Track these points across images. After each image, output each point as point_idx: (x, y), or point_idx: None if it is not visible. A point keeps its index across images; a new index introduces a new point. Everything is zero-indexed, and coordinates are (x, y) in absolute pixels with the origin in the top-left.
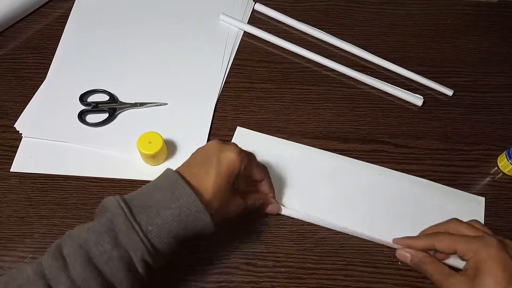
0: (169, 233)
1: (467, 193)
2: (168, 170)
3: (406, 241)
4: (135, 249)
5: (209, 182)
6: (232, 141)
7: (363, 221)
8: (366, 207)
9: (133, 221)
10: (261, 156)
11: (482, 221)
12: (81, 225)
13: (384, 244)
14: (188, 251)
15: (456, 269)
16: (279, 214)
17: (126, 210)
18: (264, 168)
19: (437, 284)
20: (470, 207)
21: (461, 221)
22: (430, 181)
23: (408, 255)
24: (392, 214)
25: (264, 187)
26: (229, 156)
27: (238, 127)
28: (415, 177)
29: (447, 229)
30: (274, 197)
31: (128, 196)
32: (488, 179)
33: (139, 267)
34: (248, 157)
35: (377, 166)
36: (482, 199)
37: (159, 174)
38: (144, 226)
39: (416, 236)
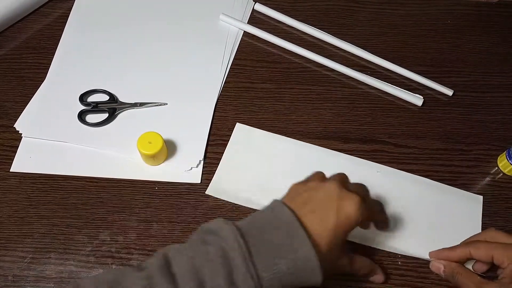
0: (280, 282)
1: (465, 191)
2: (285, 207)
3: (443, 252)
4: None
5: (324, 233)
6: (232, 137)
7: None
8: None
9: (250, 264)
10: (260, 153)
11: (480, 219)
12: (191, 242)
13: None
14: None
15: None
16: None
17: (244, 247)
18: (384, 211)
19: None
20: (468, 205)
21: (498, 230)
22: (428, 179)
23: (441, 266)
24: (390, 212)
25: (379, 226)
26: (350, 208)
27: (237, 123)
28: (413, 175)
29: (484, 238)
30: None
31: (241, 225)
32: (488, 179)
33: None
34: (368, 208)
35: (376, 164)
36: (480, 197)
37: (272, 203)
38: (260, 272)
39: (453, 247)
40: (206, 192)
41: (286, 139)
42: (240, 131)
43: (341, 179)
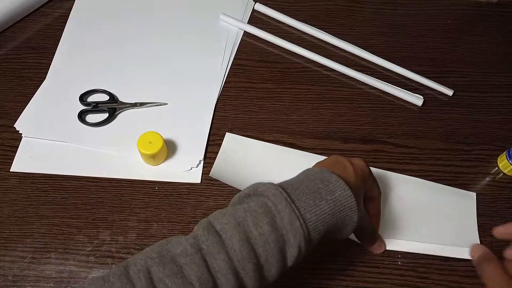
0: (324, 225)
1: (458, 189)
2: (310, 168)
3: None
4: (294, 234)
5: (350, 180)
6: (222, 147)
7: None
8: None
9: (294, 206)
10: (250, 162)
11: (475, 215)
12: (231, 207)
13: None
14: None
15: None
16: None
17: (285, 194)
18: (378, 185)
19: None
20: (462, 202)
21: None
22: (420, 179)
23: (479, 252)
24: (384, 212)
25: (376, 205)
26: (360, 162)
27: (227, 132)
28: (405, 175)
29: None
30: (378, 227)
31: (280, 183)
32: (488, 179)
33: (289, 254)
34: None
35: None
36: (473, 194)
37: (300, 173)
38: (303, 213)
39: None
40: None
41: (276, 146)
42: (230, 141)
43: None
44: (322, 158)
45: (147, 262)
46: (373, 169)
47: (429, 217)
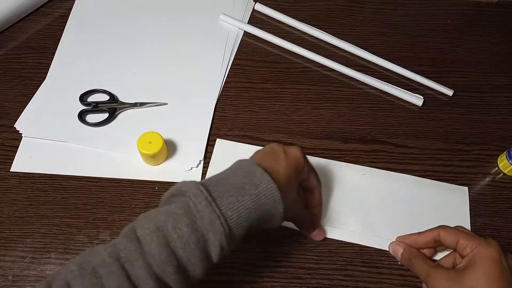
0: (247, 220)
1: (450, 184)
2: (243, 160)
3: (410, 237)
4: (214, 233)
5: (280, 171)
6: (213, 153)
7: (351, 222)
8: (352, 208)
9: (214, 205)
10: None
11: (468, 210)
12: (157, 208)
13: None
14: None
15: None
16: None
17: (206, 193)
18: (317, 176)
19: (422, 278)
20: (455, 197)
21: (465, 228)
22: (413, 176)
23: (400, 249)
24: (379, 211)
25: (316, 196)
26: (295, 152)
27: (218, 139)
28: (398, 173)
29: (437, 233)
30: (320, 217)
31: (203, 180)
32: (488, 179)
33: (213, 253)
34: (306, 158)
35: (360, 166)
36: (466, 188)
37: (231, 165)
38: (224, 211)
39: (421, 232)
40: None
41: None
42: (221, 147)
43: None
44: (317, 160)
45: (67, 275)
46: (362, 167)
47: (422, 213)
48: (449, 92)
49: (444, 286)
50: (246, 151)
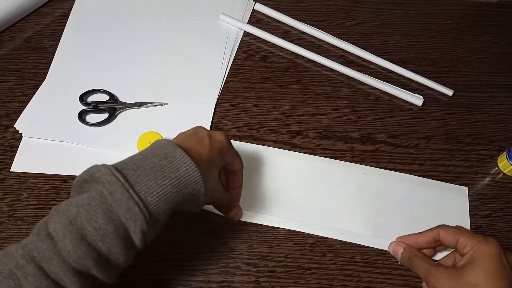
0: (167, 204)
1: (450, 184)
2: (161, 139)
3: (410, 237)
4: (134, 220)
5: (202, 154)
6: None
7: (351, 221)
8: (352, 207)
9: (132, 192)
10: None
11: (467, 209)
12: (68, 199)
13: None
14: (188, 251)
15: None
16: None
17: (122, 179)
18: (240, 159)
19: (423, 277)
20: (455, 197)
21: (446, 225)
22: (413, 176)
23: (401, 249)
24: (379, 211)
25: (238, 177)
26: (219, 136)
27: None
28: (398, 173)
29: (437, 231)
30: (239, 198)
31: (118, 164)
32: (488, 179)
33: (136, 239)
34: (231, 143)
35: (361, 165)
36: (465, 188)
37: (149, 146)
38: (143, 197)
39: (421, 232)
40: None
41: (265, 148)
42: None
43: None
44: (316, 158)
45: None
46: (362, 166)
47: (422, 213)
48: (449, 92)
49: (445, 284)
50: (242, 147)
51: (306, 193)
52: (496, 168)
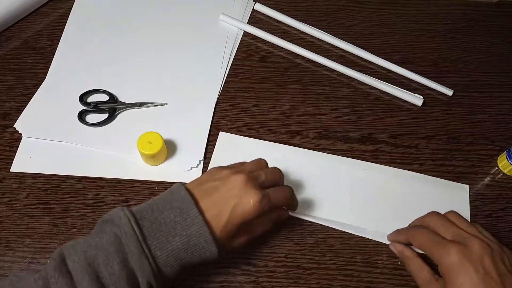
0: (176, 260)
1: (451, 181)
2: (182, 188)
3: (392, 235)
4: (143, 271)
5: (219, 223)
6: (216, 147)
7: (352, 216)
8: (354, 204)
9: (144, 245)
10: (245, 160)
11: (468, 207)
12: (85, 238)
13: (374, 239)
14: None
15: None
16: None
17: (137, 231)
18: (289, 196)
19: (418, 285)
20: (456, 194)
21: (439, 216)
22: (414, 173)
23: (396, 251)
24: (380, 207)
25: (287, 207)
26: (246, 207)
27: (220, 132)
28: (399, 169)
29: (428, 223)
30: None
31: (138, 210)
32: (488, 179)
33: None
34: (268, 201)
35: (362, 162)
36: (466, 186)
37: (174, 186)
38: (154, 251)
39: (400, 230)
40: None
41: (270, 144)
42: (224, 141)
43: (252, 168)
44: (318, 154)
45: None
46: (364, 163)
47: (422, 209)
48: (449, 92)
49: None
50: (248, 143)
51: (306, 188)
52: (496, 168)
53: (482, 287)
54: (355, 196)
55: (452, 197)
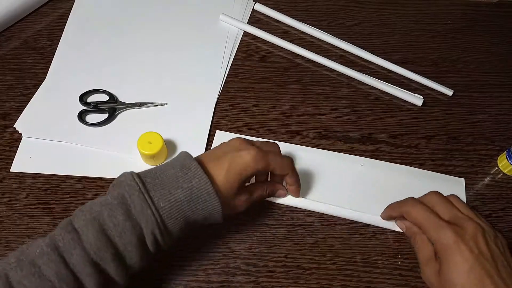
0: (180, 212)
1: (447, 175)
2: (183, 152)
3: (385, 212)
4: (146, 222)
5: (220, 175)
6: (213, 146)
7: (348, 204)
8: (351, 199)
9: (147, 196)
10: None
11: (464, 200)
12: (92, 200)
13: (375, 223)
14: (189, 251)
15: None
16: (280, 215)
17: (140, 184)
18: (288, 164)
19: (419, 263)
20: (452, 188)
21: (440, 195)
22: (410, 167)
23: (403, 226)
24: (376, 199)
25: (289, 179)
26: (244, 159)
27: (217, 130)
28: (395, 164)
29: (428, 201)
30: (299, 188)
31: (142, 172)
32: (488, 179)
33: (149, 243)
34: (266, 158)
35: (359, 157)
36: (462, 179)
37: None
38: (157, 202)
39: (393, 205)
40: None
41: (267, 140)
42: (221, 139)
43: (256, 142)
44: (316, 150)
45: (5, 267)
46: (360, 158)
47: None
48: (449, 92)
49: (433, 283)
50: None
51: (303, 184)
52: (496, 168)
53: (477, 266)
54: (350, 191)
55: (448, 190)
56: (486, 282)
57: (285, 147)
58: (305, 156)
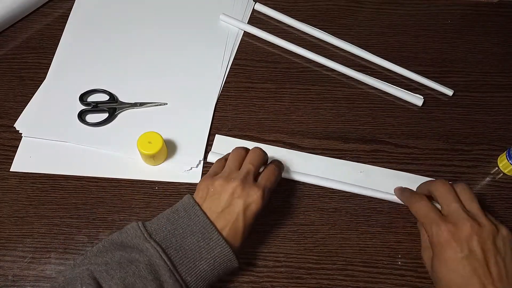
0: (204, 281)
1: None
2: (197, 208)
3: (397, 192)
4: None
5: (237, 236)
6: (212, 149)
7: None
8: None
9: (176, 274)
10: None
11: None
12: (119, 262)
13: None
14: None
15: None
16: (280, 215)
17: (168, 263)
18: (262, 155)
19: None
20: None
21: (446, 186)
22: (410, 174)
23: (407, 192)
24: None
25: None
26: (254, 207)
27: (216, 135)
28: (394, 171)
29: (434, 191)
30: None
31: (162, 240)
32: (488, 179)
33: None
34: (269, 189)
35: (359, 164)
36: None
37: (185, 203)
38: (184, 277)
39: (404, 193)
40: None
41: (266, 146)
42: (220, 143)
43: (234, 165)
44: (316, 157)
45: None
46: (360, 165)
47: None
48: (449, 92)
49: (427, 266)
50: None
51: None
52: (496, 168)
53: (465, 264)
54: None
55: None
56: (472, 282)
57: (283, 153)
58: (303, 162)
